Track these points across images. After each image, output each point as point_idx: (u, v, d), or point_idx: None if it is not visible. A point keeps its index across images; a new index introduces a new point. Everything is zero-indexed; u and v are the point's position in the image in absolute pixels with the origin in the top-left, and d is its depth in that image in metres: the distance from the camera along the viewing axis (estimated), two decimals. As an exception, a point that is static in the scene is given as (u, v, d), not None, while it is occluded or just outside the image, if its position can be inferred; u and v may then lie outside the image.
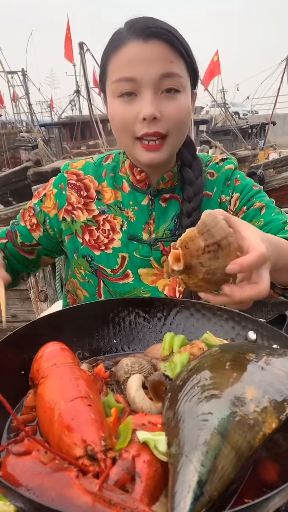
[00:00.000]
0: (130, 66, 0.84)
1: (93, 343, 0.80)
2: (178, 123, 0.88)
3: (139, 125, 0.86)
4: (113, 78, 0.87)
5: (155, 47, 0.83)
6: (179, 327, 0.81)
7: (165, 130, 0.86)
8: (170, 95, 0.86)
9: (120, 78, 0.85)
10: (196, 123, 16.32)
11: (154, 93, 0.84)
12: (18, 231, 1.09)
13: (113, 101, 0.88)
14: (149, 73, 0.83)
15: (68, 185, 1.04)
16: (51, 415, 0.53)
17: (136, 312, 0.83)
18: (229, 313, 0.77)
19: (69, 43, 16.87)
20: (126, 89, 0.85)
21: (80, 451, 0.47)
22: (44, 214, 1.06)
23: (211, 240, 0.57)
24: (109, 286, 1.02)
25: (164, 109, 0.85)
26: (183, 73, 0.87)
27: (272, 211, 0.99)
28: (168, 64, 0.84)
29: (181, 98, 0.87)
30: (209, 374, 0.54)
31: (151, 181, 0.99)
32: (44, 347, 0.68)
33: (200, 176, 1.01)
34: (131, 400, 0.61)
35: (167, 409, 0.54)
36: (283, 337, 0.67)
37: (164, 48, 0.84)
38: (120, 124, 0.89)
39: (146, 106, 0.84)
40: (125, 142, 0.91)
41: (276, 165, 9.73)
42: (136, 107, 0.85)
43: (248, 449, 0.45)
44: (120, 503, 0.41)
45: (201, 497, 0.41)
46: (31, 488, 0.43)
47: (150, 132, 0.85)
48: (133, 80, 0.84)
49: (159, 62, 0.83)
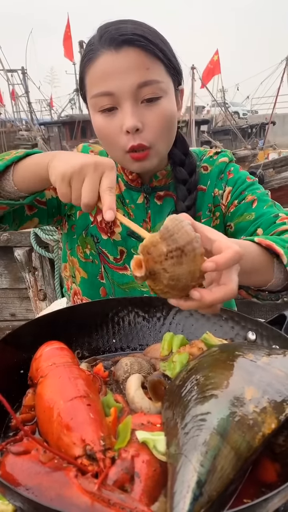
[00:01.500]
0: (106, 79, 0.82)
1: (92, 342, 0.80)
2: (162, 131, 0.86)
3: (124, 138, 0.84)
4: (91, 93, 0.85)
5: (128, 55, 0.80)
6: (178, 327, 0.81)
7: (148, 142, 0.85)
8: (151, 104, 0.84)
9: (98, 93, 0.83)
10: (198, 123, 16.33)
11: (134, 104, 0.82)
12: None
13: (95, 115, 0.87)
14: (125, 84, 0.81)
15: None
16: (50, 414, 0.53)
17: (136, 312, 0.83)
18: (229, 313, 0.77)
19: (69, 42, 16.86)
20: (106, 104, 0.83)
21: (79, 451, 0.47)
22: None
23: (174, 245, 0.55)
24: (109, 274, 1.02)
25: (146, 118, 0.84)
26: (162, 76, 0.84)
27: (264, 204, 0.96)
28: (144, 72, 0.81)
29: (163, 103, 0.85)
30: (208, 374, 0.54)
31: (143, 180, 0.99)
32: (43, 346, 0.68)
33: (194, 173, 1.00)
34: (130, 399, 0.61)
35: (166, 409, 0.54)
36: (283, 337, 0.67)
37: (138, 55, 0.80)
38: (106, 139, 0.88)
39: (127, 119, 0.82)
40: (116, 156, 0.90)
41: (275, 165, 9.73)
42: (118, 121, 0.84)
43: (248, 450, 0.45)
44: (119, 503, 0.41)
45: (200, 497, 0.41)
46: (30, 487, 0.43)
47: (135, 145, 0.84)
48: (111, 94, 0.82)
49: (134, 71, 0.81)
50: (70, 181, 0.68)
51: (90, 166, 0.67)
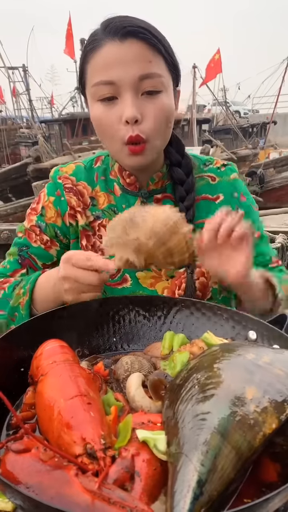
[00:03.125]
0: (108, 69, 0.82)
1: (93, 341, 0.80)
2: (160, 125, 0.86)
3: (122, 128, 0.84)
4: (92, 81, 0.85)
5: (132, 46, 0.81)
6: (179, 326, 0.81)
7: (145, 134, 0.84)
8: (151, 96, 0.84)
9: (99, 81, 0.83)
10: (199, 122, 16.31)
11: (134, 95, 0.83)
12: (34, 255, 1.01)
13: (94, 104, 0.87)
14: (127, 75, 0.81)
15: (65, 189, 1.01)
16: (50, 412, 0.53)
17: (136, 311, 0.83)
18: (229, 313, 0.77)
19: (70, 40, 16.83)
20: (106, 93, 0.83)
21: (79, 449, 0.47)
22: (52, 226, 1.01)
23: (123, 223, 0.68)
24: (108, 292, 1.00)
25: (145, 110, 0.84)
26: (163, 71, 0.85)
27: (264, 241, 1.07)
28: (146, 64, 0.82)
29: (162, 98, 0.85)
30: (209, 374, 0.54)
31: (141, 183, 0.98)
32: (43, 344, 0.68)
33: (191, 174, 1.00)
34: (130, 398, 0.61)
35: (166, 408, 0.54)
36: (284, 337, 0.67)
37: (141, 47, 0.81)
38: (104, 130, 0.87)
39: (127, 109, 0.82)
40: (113, 147, 0.89)
41: (276, 164, 9.73)
42: (117, 110, 0.84)
43: (248, 449, 0.45)
44: (119, 502, 0.41)
45: (200, 497, 0.41)
46: (30, 485, 0.43)
47: (133, 136, 0.83)
48: (112, 83, 0.82)
49: (137, 63, 0.81)
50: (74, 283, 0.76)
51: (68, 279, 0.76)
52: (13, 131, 19.99)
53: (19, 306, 0.89)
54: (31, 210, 1.03)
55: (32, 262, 1.01)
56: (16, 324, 0.88)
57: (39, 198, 1.04)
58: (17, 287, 0.92)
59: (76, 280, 0.74)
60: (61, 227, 1.01)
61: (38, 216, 1.02)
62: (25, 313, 0.88)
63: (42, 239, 1.01)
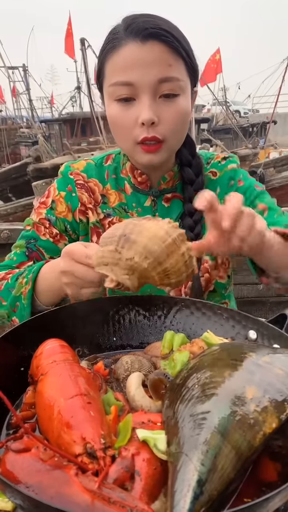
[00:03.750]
0: (128, 69, 0.82)
1: (93, 340, 0.80)
2: (176, 127, 0.87)
3: (138, 129, 0.85)
4: (110, 81, 0.85)
5: (153, 49, 0.81)
6: (179, 325, 0.81)
7: (162, 135, 0.85)
8: (168, 99, 0.84)
9: (117, 82, 0.83)
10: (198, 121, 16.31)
11: (152, 98, 0.83)
12: (42, 248, 1.00)
13: (111, 104, 0.87)
14: (146, 77, 0.81)
15: (76, 186, 1.01)
16: (50, 412, 0.53)
17: (136, 310, 0.83)
18: (230, 312, 0.77)
19: (70, 39, 16.81)
20: (124, 94, 0.84)
21: (79, 449, 0.47)
22: (62, 220, 1.01)
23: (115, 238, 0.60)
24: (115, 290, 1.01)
25: (162, 113, 0.84)
26: (182, 75, 0.85)
27: (274, 212, 0.98)
28: (166, 68, 0.82)
29: (180, 101, 0.85)
30: (209, 373, 0.54)
31: (152, 182, 0.99)
32: (43, 344, 0.68)
33: (201, 174, 1.00)
34: (130, 398, 0.61)
35: (166, 408, 0.54)
36: (284, 336, 0.67)
37: (162, 50, 0.81)
38: (120, 129, 0.88)
39: (144, 111, 0.82)
40: (126, 146, 0.90)
41: (276, 164, 9.73)
42: (134, 112, 0.84)
43: (248, 449, 0.45)
44: (119, 501, 0.41)
45: (200, 496, 0.41)
46: (30, 485, 0.43)
47: (148, 137, 0.84)
48: (131, 85, 0.82)
49: (157, 66, 0.81)
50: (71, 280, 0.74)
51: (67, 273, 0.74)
52: (13, 131, 19.98)
53: (21, 295, 0.88)
54: (40, 204, 1.03)
55: (39, 254, 1.00)
56: (18, 315, 0.88)
57: (49, 193, 1.04)
58: (20, 276, 0.91)
59: (76, 276, 0.72)
60: (71, 222, 1.02)
61: (48, 210, 1.02)
62: (26, 303, 0.86)
63: (51, 232, 1.01)
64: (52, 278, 0.83)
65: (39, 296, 0.87)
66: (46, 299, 0.87)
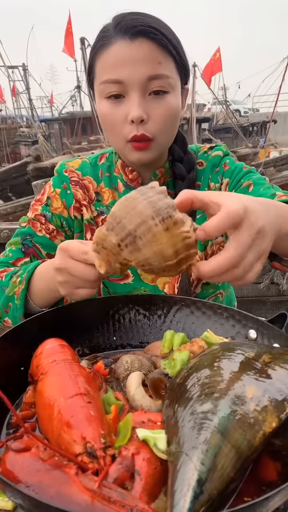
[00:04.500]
0: (117, 67, 0.82)
1: (92, 340, 0.80)
2: (165, 125, 0.86)
3: (128, 127, 0.85)
4: (100, 79, 0.85)
5: (142, 46, 0.81)
6: (179, 325, 0.81)
7: (151, 133, 0.85)
8: (158, 97, 0.84)
9: (107, 80, 0.84)
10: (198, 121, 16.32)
11: (141, 95, 0.83)
12: (38, 244, 0.99)
13: (101, 101, 0.87)
14: (136, 75, 0.81)
15: (71, 183, 1.02)
16: (50, 411, 0.53)
17: (136, 309, 0.82)
18: (230, 312, 0.77)
19: (70, 38, 16.80)
20: (114, 91, 0.84)
21: (79, 448, 0.47)
22: (58, 216, 1.01)
23: (123, 233, 0.49)
24: (109, 287, 1.01)
25: (151, 111, 0.84)
26: (172, 73, 0.85)
27: (260, 187, 0.93)
28: (156, 65, 0.82)
29: (169, 98, 0.85)
30: (209, 373, 0.54)
31: (143, 179, 0.99)
32: (43, 343, 0.68)
33: (192, 169, 1.00)
34: (130, 397, 0.61)
35: (167, 407, 0.54)
36: (284, 336, 0.67)
37: (151, 47, 0.81)
38: (110, 127, 0.88)
39: (134, 109, 0.82)
40: (117, 144, 0.90)
41: (276, 163, 9.72)
42: (124, 109, 0.84)
43: (248, 448, 0.45)
44: (119, 501, 0.41)
45: (200, 496, 0.41)
46: (30, 485, 0.43)
47: (138, 135, 0.84)
48: (120, 82, 0.82)
49: (146, 63, 0.81)
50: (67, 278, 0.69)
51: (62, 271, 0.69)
52: (13, 130, 19.99)
53: (14, 295, 0.85)
54: (36, 201, 1.03)
55: (36, 251, 0.99)
56: (10, 316, 0.87)
57: (44, 190, 1.04)
58: (15, 275, 0.88)
59: (71, 273, 0.68)
60: (66, 219, 1.02)
61: (43, 206, 1.01)
62: (19, 303, 0.84)
63: (48, 228, 1.00)
64: (47, 278, 0.80)
65: (33, 297, 0.85)
66: (40, 300, 0.85)
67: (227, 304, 1.07)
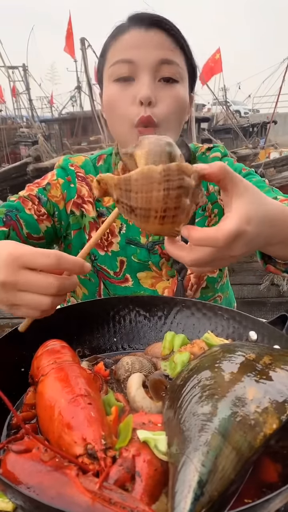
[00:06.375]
0: (130, 49, 0.83)
1: (93, 341, 0.80)
2: (172, 112, 0.86)
3: (135, 109, 0.83)
4: (111, 61, 0.85)
5: (156, 35, 0.83)
6: (179, 326, 0.81)
7: (157, 117, 0.84)
8: (168, 84, 0.85)
9: (118, 60, 0.84)
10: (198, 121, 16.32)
11: (151, 78, 0.83)
12: (23, 220, 0.92)
13: (109, 85, 0.86)
14: (148, 56, 0.82)
15: (77, 177, 1.00)
16: (51, 413, 0.53)
17: (137, 311, 0.83)
18: (230, 313, 0.77)
19: (70, 39, 16.81)
20: (124, 72, 0.84)
21: (80, 450, 0.47)
22: (53, 204, 0.97)
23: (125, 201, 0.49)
24: (110, 289, 1.00)
25: (160, 95, 0.84)
26: (182, 64, 0.86)
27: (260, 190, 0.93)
28: (168, 52, 0.83)
29: (178, 87, 0.86)
30: (209, 374, 0.54)
31: None
32: (44, 344, 0.68)
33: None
34: (131, 399, 0.61)
35: (167, 409, 0.54)
36: (284, 337, 0.67)
37: (165, 37, 0.83)
38: (116, 109, 0.86)
39: (143, 89, 0.82)
40: (121, 130, 0.88)
41: (277, 164, 9.73)
42: (132, 91, 0.84)
43: (249, 450, 0.45)
44: (120, 502, 0.41)
45: (201, 497, 0.41)
46: (31, 486, 0.43)
47: (145, 116, 0.82)
48: (131, 62, 0.83)
49: (159, 49, 0.83)
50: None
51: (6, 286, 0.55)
52: (13, 131, 19.99)
53: None
54: (33, 183, 1.00)
55: (17, 225, 0.91)
56: None
57: (46, 177, 1.02)
58: None
59: (21, 289, 0.55)
60: (61, 211, 0.99)
61: (40, 189, 0.97)
62: None
63: (39, 210, 0.95)
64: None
65: None
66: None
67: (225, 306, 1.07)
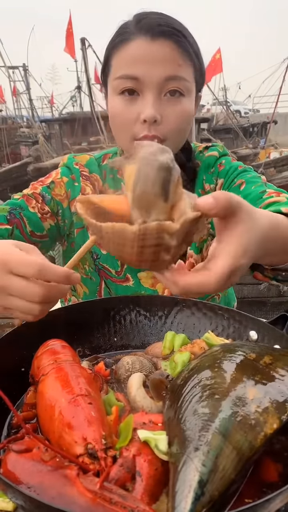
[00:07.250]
0: (135, 64, 0.80)
1: (93, 341, 0.80)
2: (179, 128, 0.85)
3: (139, 126, 0.83)
4: (116, 74, 0.83)
5: (163, 47, 0.79)
6: (180, 326, 0.81)
7: (163, 135, 0.83)
8: (173, 98, 0.82)
9: (123, 75, 0.82)
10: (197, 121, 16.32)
11: (157, 95, 0.81)
12: (26, 218, 0.91)
13: (114, 98, 0.85)
14: (154, 73, 0.79)
15: (81, 176, 1.00)
16: (51, 412, 0.53)
17: (137, 310, 0.83)
18: (230, 313, 0.77)
19: (70, 38, 16.82)
20: (128, 86, 0.81)
21: (80, 449, 0.47)
22: (57, 203, 0.97)
23: (100, 241, 0.46)
24: (111, 288, 1.00)
25: (166, 112, 0.82)
26: (190, 77, 0.84)
27: (251, 185, 0.89)
28: (175, 67, 0.80)
29: (184, 102, 0.84)
30: (210, 374, 0.54)
31: None
32: (44, 344, 0.68)
33: (195, 178, 0.99)
34: (131, 398, 0.61)
35: (168, 408, 0.54)
36: (285, 337, 0.67)
37: (172, 49, 0.79)
38: (119, 124, 0.86)
39: (148, 108, 0.80)
40: (123, 142, 0.89)
41: (277, 164, 9.74)
42: (137, 107, 0.82)
43: (249, 449, 0.45)
44: (120, 502, 0.41)
45: (202, 497, 0.41)
46: (31, 486, 0.43)
47: (149, 135, 0.82)
48: (136, 79, 0.80)
49: (166, 64, 0.79)
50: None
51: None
52: (13, 131, 19.99)
53: None
54: (37, 181, 0.99)
55: (21, 223, 0.90)
56: None
57: (50, 175, 1.01)
58: None
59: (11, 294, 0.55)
60: (64, 209, 0.99)
61: (44, 187, 0.97)
62: None
63: (42, 208, 0.94)
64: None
65: None
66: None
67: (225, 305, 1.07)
